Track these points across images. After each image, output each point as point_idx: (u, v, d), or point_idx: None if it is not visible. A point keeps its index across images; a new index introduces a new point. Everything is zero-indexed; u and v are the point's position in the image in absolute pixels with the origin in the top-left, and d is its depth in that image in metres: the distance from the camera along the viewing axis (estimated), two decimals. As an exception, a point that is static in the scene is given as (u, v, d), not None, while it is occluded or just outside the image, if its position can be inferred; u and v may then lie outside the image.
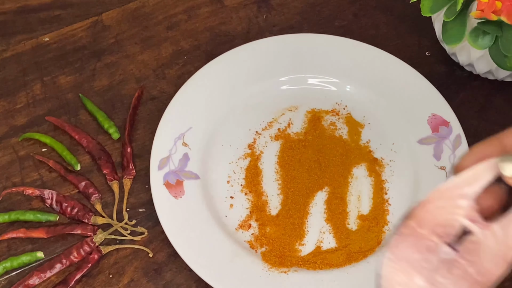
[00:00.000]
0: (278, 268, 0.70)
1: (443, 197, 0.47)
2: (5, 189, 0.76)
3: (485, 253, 0.46)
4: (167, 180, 0.74)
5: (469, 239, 0.46)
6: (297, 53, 0.81)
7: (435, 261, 0.47)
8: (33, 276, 0.71)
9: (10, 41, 0.87)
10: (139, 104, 0.82)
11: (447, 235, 0.47)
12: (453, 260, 0.47)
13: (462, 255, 0.46)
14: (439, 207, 0.47)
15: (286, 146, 0.77)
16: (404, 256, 0.47)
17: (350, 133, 0.78)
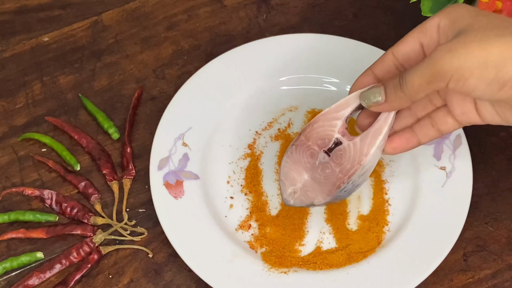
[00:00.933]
0: (278, 268, 0.70)
1: (324, 118, 0.64)
2: (5, 189, 0.76)
3: (346, 158, 0.63)
4: (167, 180, 0.74)
5: (338, 148, 0.64)
6: (297, 53, 0.81)
7: (316, 163, 0.65)
8: (33, 277, 0.71)
9: (9, 41, 0.87)
10: (139, 104, 0.81)
11: (325, 145, 0.64)
12: (327, 162, 0.64)
13: (332, 159, 0.64)
14: (321, 126, 0.64)
15: (286, 146, 0.77)
16: (296, 160, 0.66)
17: (350, 133, 0.77)
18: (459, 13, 0.58)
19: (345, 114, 0.64)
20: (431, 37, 0.61)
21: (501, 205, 0.74)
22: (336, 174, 0.64)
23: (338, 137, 0.64)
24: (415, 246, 0.70)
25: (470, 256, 0.72)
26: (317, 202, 0.65)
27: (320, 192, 0.65)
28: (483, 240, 0.72)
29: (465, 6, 0.59)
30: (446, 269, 0.71)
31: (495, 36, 0.54)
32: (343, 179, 0.64)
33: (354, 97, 0.64)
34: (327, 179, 0.65)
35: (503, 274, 0.71)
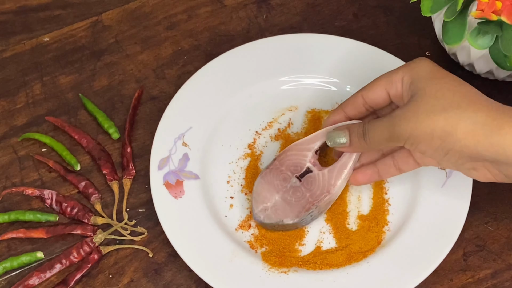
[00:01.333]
0: (278, 268, 0.70)
1: (297, 148, 0.72)
2: (5, 189, 0.76)
3: (316, 185, 0.71)
4: (167, 180, 0.74)
5: (308, 175, 0.71)
6: (297, 53, 0.81)
7: (287, 186, 0.71)
8: (33, 276, 0.71)
9: (10, 41, 0.87)
10: (139, 104, 0.81)
11: (297, 172, 0.71)
12: (298, 187, 0.71)
13: (303, 184, 0.71)
14: (294, 154, 0.72)
15: (286, 146, 0.77)
16: (269, 181, 0.72)
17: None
18: (419, 73, 0.65)
19: (314, 147, 0.71)
20: (397, 89, 0.67)
21: (501, 205, 0.74)
22: (306, 197, 0.71)
23: (309, 166, 0.71)
24: (415, 246, 0.70)
25: (470, 256, 0.72)
26: (286, 221, 0.70)
27: (290, 212, 0.71)
28: (483, 240, 0.72)
29: (427, 64, 0.66)
30: (446, 269, 0.71)
31: (441, 110, 0.62)
32: (313, 202, 0.70)
33: (323, 133, 0.71)
34: (298, 201, 0.71)
35: (502, 274, 0.71)
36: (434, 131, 0.62)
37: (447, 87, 0.63)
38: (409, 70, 0.66)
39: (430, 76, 0.64)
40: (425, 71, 0.65)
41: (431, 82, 0.64)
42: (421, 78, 0.64)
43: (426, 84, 0.64)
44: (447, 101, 0.62)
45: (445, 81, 0.64)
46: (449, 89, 0.63)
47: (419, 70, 0.65)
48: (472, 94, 0.63)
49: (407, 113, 0.63)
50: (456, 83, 0.64)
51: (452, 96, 0.62)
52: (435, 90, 0.63)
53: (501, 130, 0.61)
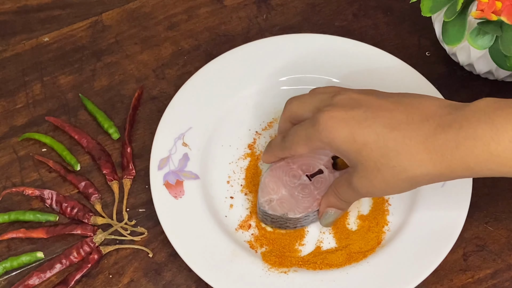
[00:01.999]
0: (278, 268, 0.70)
1: (312, 152, 0.73)
2: (5, 189, 0.76)
3: (326, 185, 0.71)
4: (167, 180, 0.74)
5: (319, 176, 0.72)
6: (297, 53, 0.81)
7: (296, 183, 0.72)
8: (33, 276, 0.71)
9: (10, 41, 0.87)
10: (139, 104, 0.82)
11: (308, 171, 0.72)
12: (307, 185, 0.72)
13: (313, 184, 0.72)
14: (309, 156, 0.73)
15: (286, 146, 0.77)
16: (278, 176, 0.72)
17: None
18: (343, 154, 0.64)
19: (330, 153, 0.73)
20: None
21: (501, 205, 0.74)
22: (314, 195, 0.71)
23: (321, 168, 0.72)
24: (415, 246, 0.70)
25: (470, 256, 0.72)
26: (290, 214, 0.71)
27: (296, 206, 0.71)
28: (483, 240, 0.72)
29: (342, 142, 0.63)
30: (446, 269, 0.71)
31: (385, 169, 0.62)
32: (320, 200, 0.71)
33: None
34: (305, 197, 0.71)
35: (502, 274, 0.71)
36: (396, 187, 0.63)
37: (373, 151, 0.62)
38: (328, 144, 0.64)
39: (352, 148, 0.63)
40: (344, 143, 0.63)
41: (359, 156, 0.63)
42: (348, 155, 0.63)
43: (357, 159, 0.63)
44: (384, 163, 0.62)
45: (368, 148, 0.62)
46: (376, 150, 0.62)
47: (338, 143, 0.63)
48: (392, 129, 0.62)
49: (363, 181, 0.64)
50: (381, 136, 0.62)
51: (381, 156, 0.62)
52: (368, 161, 0.62)
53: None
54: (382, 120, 0.61)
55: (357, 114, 0.62)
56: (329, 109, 0.63)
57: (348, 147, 0.62)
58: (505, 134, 0.57)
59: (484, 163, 0.58)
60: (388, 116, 0.61)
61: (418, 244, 0.70)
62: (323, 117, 0.63)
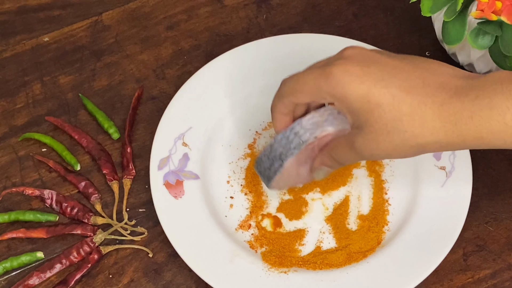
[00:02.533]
0: (278, 268, 0.70)
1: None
2: (5, 189, 0.76)
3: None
4: (167, 180, 0.74)
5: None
6: (297, 53, 0.81)
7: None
8: (33, 276, 0.71)
9: (10, 41, 0.87)
10: (139, 104, 0.82)
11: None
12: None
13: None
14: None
15: (286, 146, 0.77)
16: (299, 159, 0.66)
17: None
18: (352, 106, 0.61)
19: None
20: (326, 103, 0.65)
21: (501, 205, 0.74)
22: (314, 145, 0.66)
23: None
24: (415, 246, 0.70)
25: (469, 256, 0.72)
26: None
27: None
28: (482, 240, 0.72)
29: (354, 89, 0.60)
30: (446, 269, 0.71)
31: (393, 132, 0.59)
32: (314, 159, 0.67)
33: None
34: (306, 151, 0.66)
35: (502, 274, 0.71)
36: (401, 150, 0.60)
37: (384, 111, 0.60)
38: (338, 100, 0.61)
39: (364, 108, 0.60)
40: (356, 101, 0.60)
41: (370, 116, 0.60)
42: (358, 114, 0.61)
43: (366, 119, 0.60)
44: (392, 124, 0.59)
45: (381, 108, 0.60)
46: (389, 110, 0.59)
47: (350, 100, 0.60)
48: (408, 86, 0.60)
49: (368, 143, 0.61)
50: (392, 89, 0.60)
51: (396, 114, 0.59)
52: (379, 123, 0.60)
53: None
54: (398, 82, 0.59)
55: (373, 72, 0.59)
56: (342, 63, 0.60)
57: (360, 106, 0.59)
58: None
59: (498, 134, 0.57)
60: (404, 79, 0.59)
61: (418, 244, 0.70)
62: (337, 70, 0.60)
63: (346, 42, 0.81)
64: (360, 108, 0.60)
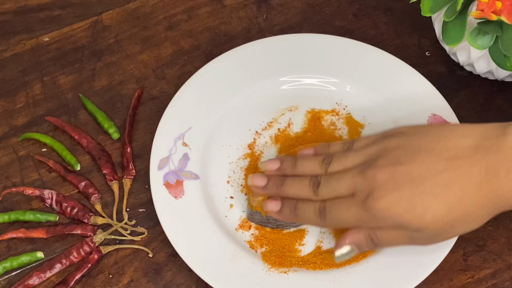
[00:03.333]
0: (278, 268, 0.70)
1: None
2: (5, 189, 0.76)
3: None
4: (167, 180, 0.74)
5: None
6: (297, 53, 0.81)
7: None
8: (33, 276, 0.71)
9: (10, 41, 0.87)
10: (139, 104, 0.82)
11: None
12: None
13: None
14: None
15: (286, 146, 0.77)
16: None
17: (350, 133, 0.78)
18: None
19: None
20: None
21: (501, 205, 0.74)
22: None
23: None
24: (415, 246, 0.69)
25: (470, 256, 0.72)
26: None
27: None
28: (482, 240, 0.72)
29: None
30: (446, 269, 0.71)
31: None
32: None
33: None
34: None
35: (502, 274, 0.71)
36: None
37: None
38: (382, 225, 0.64)
39: (413, 219, 0.62)
40: (401, 217, 0.62)
41: (422, 221, 0.62)
42: (408, 226, 0.63)
43: (420, 227, 0.63)
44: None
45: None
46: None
47: (395, 219, 0.63)
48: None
49: (431, 239, 0.64)
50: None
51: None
52: (435, 224, 0.62)
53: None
54: (432, 181, 0.61)
55: (408, 189, 0.61)
56: (379, 195, 0.62)
57: (410, 218, 0.62)
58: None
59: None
60: (435, 174, 0.61)
61: (418, 244, 0.70)
62: (378, 205, 0.62)
63: (346, 42, 0.81)
64: (409, 219, 0.62)
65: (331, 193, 0.65)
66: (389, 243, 0.65)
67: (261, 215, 0.70)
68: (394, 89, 0.79)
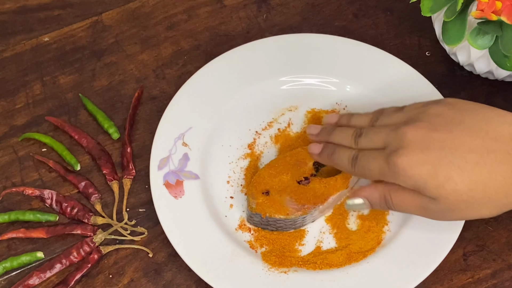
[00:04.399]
0: (278, 268, 0.70)
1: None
2: (5, 189, 0.76)
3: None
4: (167, 180, 0.74)
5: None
6: (297, 53, 0.81)
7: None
8: (33, 276, 0.71)
9: (10, 41, 0.87)
10: (139, 104, 0.82)
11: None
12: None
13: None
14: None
15: (286, 146, 0.77)
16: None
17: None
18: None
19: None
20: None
21: (501, 205, 0.74)
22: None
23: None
24: (415, 246, 0.70)
25: (470, 256, 0.72)
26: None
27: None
28: (483, 240, 0.72)
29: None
30: (446, 269, 0.71)
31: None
32: (309, 207, 0.70)
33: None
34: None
35: (503, 274, 0.71)
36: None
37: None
38: (404, 183, 0.64)
39: (434, 183, 0.62)
40: (423, 179, 0.62)
41: (442, 190, 0.62)
42: (426, 190, 0.63)
43: (439, 194, 0.62)
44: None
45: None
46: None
47: (415, 180, 0.63)
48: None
49: (443, 212, 0.63)
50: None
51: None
52: (453, 195, 0.62)
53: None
54: (463, 156, 0.61)
55: (435, 153, 0.62)
56: (404, 153, 0.62)
57: (428, 183, 0.62)
58: None
59: None
60: (468, 150, 0.61)
61: (418, 244, 0.70)
62: (400, 161, 0.62)
63: (346, 42, 0.81)
64: (428, 184, 0.62)
65: (367, 143, 0.67)
66: (402, 208, 0.65)
67: (261, 217, 0.70)
68: (394, 89, 0.79)
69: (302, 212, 0.70)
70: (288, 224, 0.71)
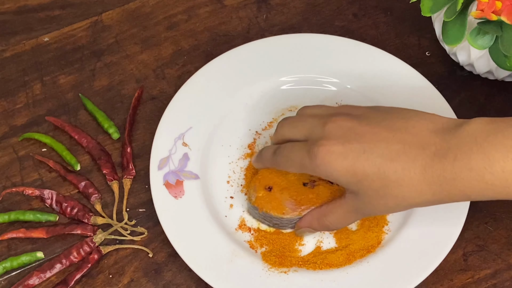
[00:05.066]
0: (278, 268, 0.70)
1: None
2: (5, 189, 0.76)
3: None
4: (167, 180, 0.74)
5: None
6: (297, 53, 0.81)
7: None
8: (33, 276, 0.71)
9: (10, 41, 0.87)
10: (139, 104, 0.82)
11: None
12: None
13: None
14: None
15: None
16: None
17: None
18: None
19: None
20: None
21: (501, 205, 0.74)
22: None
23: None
24: (415, 246, 0.70)
25: (470, 256, 0.72)
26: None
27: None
28: (483, 240, 0.72)
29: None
30: (446, 269, 0.71)
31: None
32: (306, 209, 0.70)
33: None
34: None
35: (503, 274, 0.71)
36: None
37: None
38: (325, 176, 0.65)
39: (352, 180, 0.64)
40: (342, 175, 0.63)
41: (361, 186, 0.64)
42: (348, 185, 0.64)
43: (358, 188, 0.64)
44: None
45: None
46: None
47: (336, 176, 0.64)
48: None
49: (366, 206, 0.65)
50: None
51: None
52: (370, 191, 0.63)
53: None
54: (380, 151, 0.62)
55: (354, 147, 0.62)
56: (324, 143, 0.63)
57: (347, 178, 0.63)
58: (497, 164, 0.58)
59: (481, 192, 0.60)
60: (385, 147, 0.62)
61: (418, 244, 0.70)
62: (319, 151, 0.63)
63: (346, 42, 0.81)
64: (348, 181, 0.63)
65: (291, 130, 0.68)
66: (337, 223, 0.68)
67: (258, 212, 0.70)
68: (394, 89, 0.79)
69: (298, 213, 0.70)
70: (284, 223, 0.71)
